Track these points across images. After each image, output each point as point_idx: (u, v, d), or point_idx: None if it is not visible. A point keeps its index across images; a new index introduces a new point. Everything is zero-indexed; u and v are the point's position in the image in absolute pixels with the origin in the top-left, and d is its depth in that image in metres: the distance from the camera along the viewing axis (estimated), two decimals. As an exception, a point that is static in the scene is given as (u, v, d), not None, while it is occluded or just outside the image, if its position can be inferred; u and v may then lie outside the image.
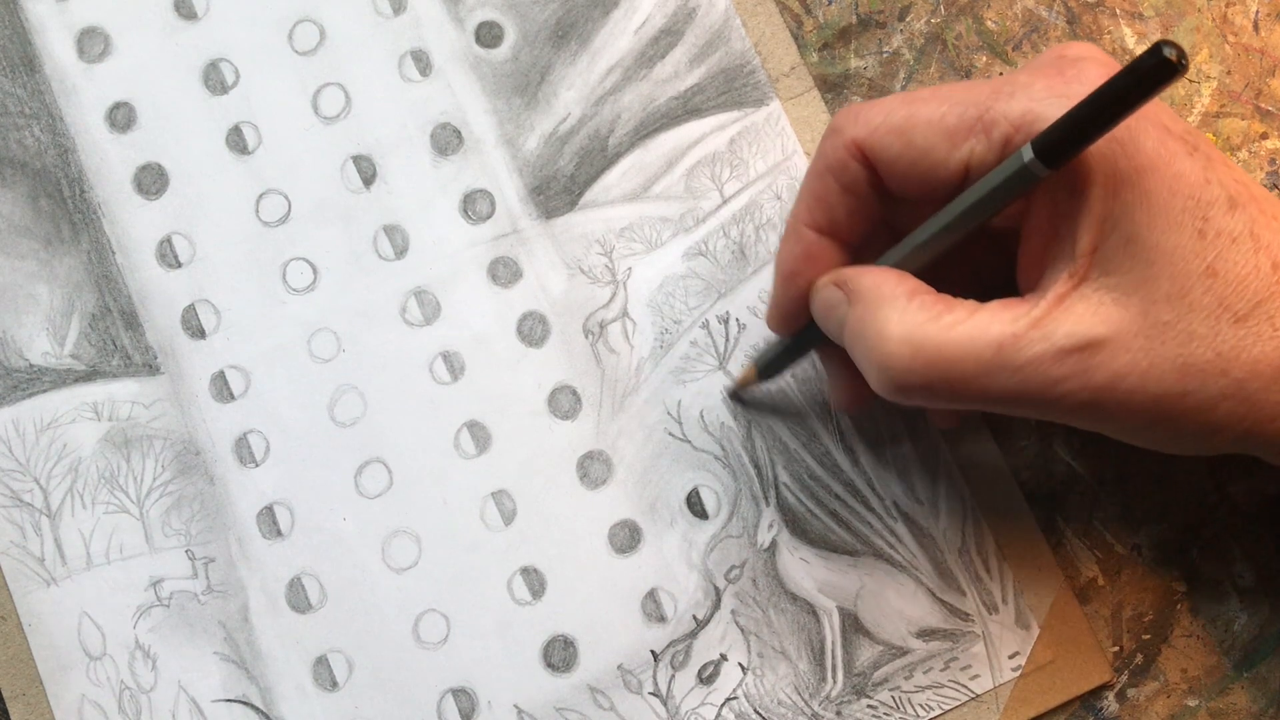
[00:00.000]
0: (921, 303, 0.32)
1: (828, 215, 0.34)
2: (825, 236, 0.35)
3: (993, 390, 0.31)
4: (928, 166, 0.32)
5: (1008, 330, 0.31)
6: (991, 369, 0.31)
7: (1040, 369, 0.30)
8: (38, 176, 0.41)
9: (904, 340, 0.31)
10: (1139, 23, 0.42)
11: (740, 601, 0.39)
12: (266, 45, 0.42)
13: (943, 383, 0.31)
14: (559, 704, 0.39)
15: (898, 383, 0.32)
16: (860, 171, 0.33)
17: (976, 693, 0.39)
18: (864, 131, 0.33)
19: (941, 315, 0.31)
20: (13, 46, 0.42)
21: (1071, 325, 0.30)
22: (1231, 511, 0.40)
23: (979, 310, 0.31)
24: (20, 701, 0.39)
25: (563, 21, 0.42)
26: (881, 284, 0.32)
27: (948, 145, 0.32)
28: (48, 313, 0.41)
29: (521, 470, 0.40)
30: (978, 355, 0.31)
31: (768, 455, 0.40)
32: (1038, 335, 0.30)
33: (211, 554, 0.39)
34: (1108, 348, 0.30)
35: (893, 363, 0.31)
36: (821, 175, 0.34)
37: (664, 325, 0.41)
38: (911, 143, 0.32)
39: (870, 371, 0.32)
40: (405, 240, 0.41)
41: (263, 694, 0.39)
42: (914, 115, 0.32)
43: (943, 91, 0.32)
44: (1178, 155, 0.30)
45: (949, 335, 0.31)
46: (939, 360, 0.31)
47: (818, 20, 0.43)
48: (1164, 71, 0.26)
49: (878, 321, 0.32)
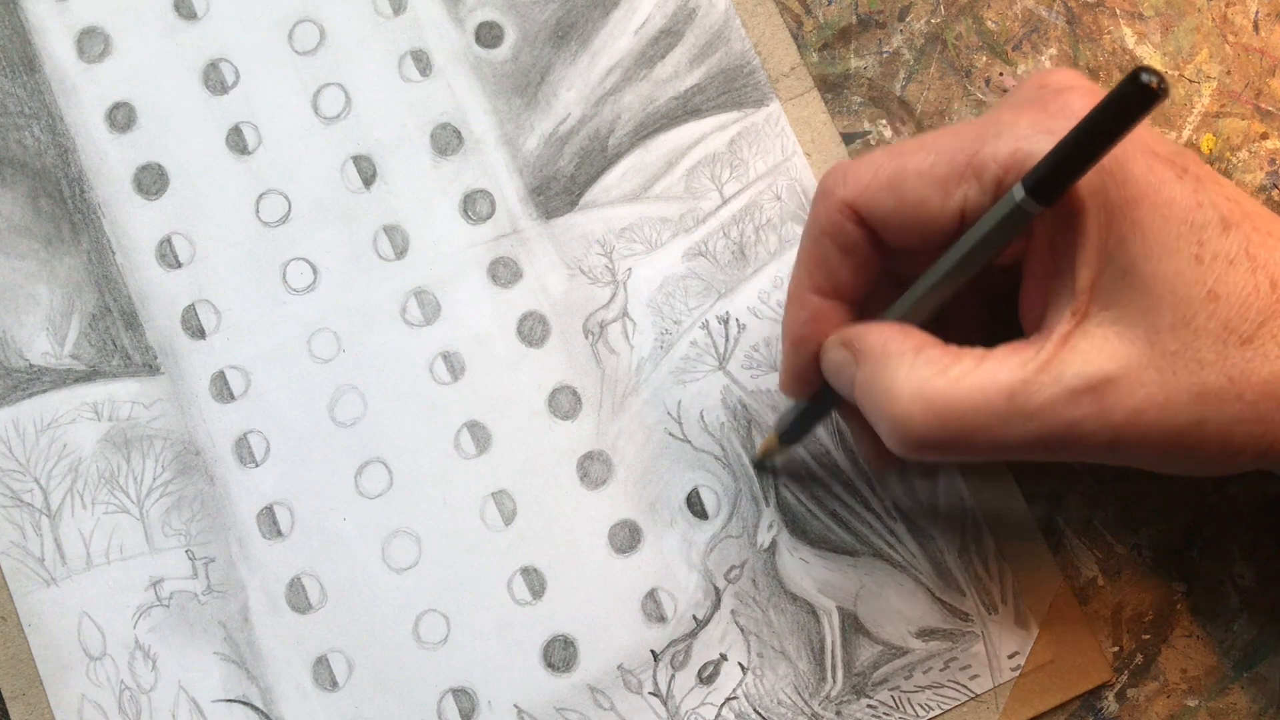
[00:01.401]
0: (928, 357, 0.31)
1: (829, 278, 0.34)
2: (829, 299, 0.34)
3: (1009, 439, 0.30)
4: (923, 218, 0.32)
5: (1017, 376, 0.30)
6: (1005, 418, 0.30)
7: (1055, 413, 0.30)
8: (38, 176, 0.41)
9: (913, 398, 0.31)
10: (1139, 23, 0.42)
11: (740, 601, 0.39)
12: (266, 45, 0.42)
13: (956, 436, 0.31)
14: (559, 704, 0.39)
15: (911, 440, 0.31)
16: (856, 231, 0.33)
17: (976, 693, 0.39)
18: (854, 191, 0.33)
19: (949, 368, 0.31)
20: (13, 46, 0.42)
21: (1080, 365, 0.30)
22: (1231, 511, 0.40)
23: (986, 358, 0.31)
24: (20, 701, 0.39)
25: (563, 22, 0.42)
26: (887, 341, 0.32)
27: (941, 194, 0.31)
28: (48, 313, 0.41)
29: (521, 470, 0.40)
30: (989, 405, 0.30)
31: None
32: (1048, 379, 0.30)
33: (211, 554, 0.39)
34: (1121, 384, 0.30)
35: (904, 421, 0.31)
36: (818, 240, 0.34)
37: (664, 325, 0.41)
38: (904, 197, 0.32)
39: (883, 430, 0.32)
40: (405, 240, 0.41)
41: (263, 694, 0.39)
42: (903, 169, 0.32)
43: (929, 141, 0.32)
44: (1167, 180, 0.30)
45: (958, 388, 0.30)
46: (950, 414, 0.30)
47: (818, 20, 0.43)
48: (1145, 98, 0.26)
49: (885, 379, 0.31)
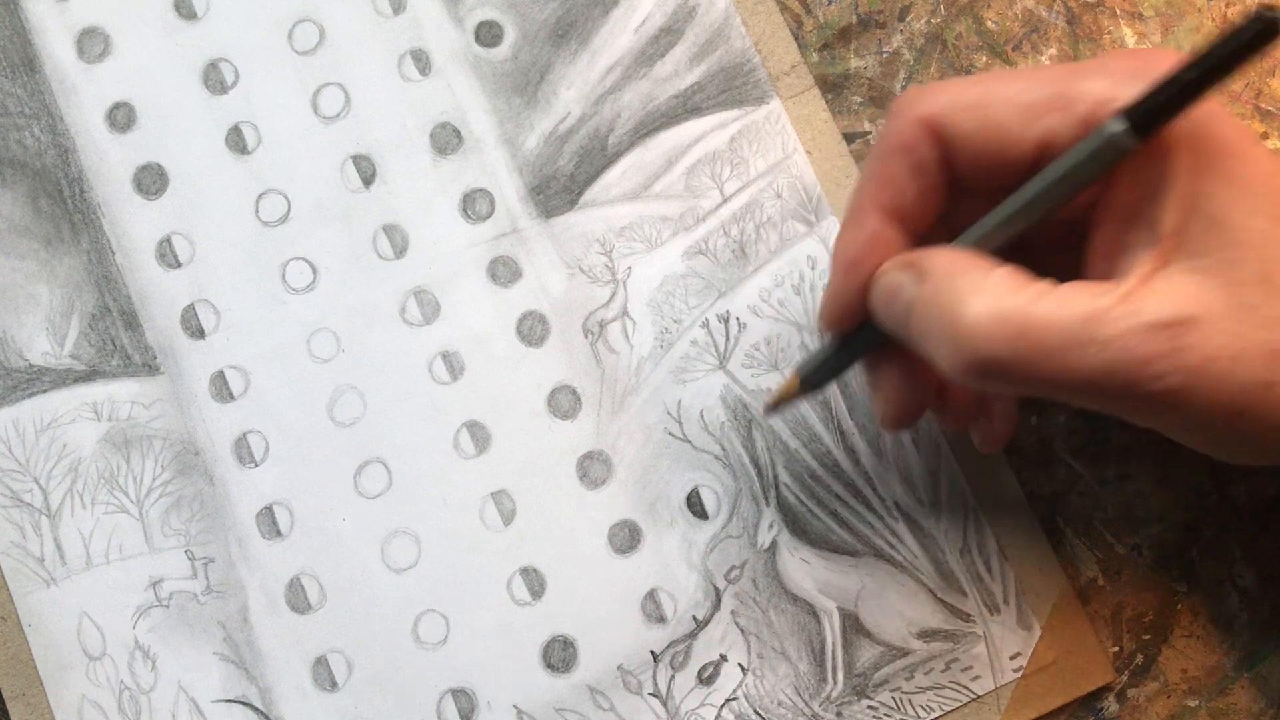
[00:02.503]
0: (1003, 274, 0.30)
1: (896, 199, 0.33)
2: (891, 223, 0.33)
3: (1078, 369, 0.29)
4: (1003, 144, 0.31)
5: (1095, 304, 0.29)
6: (1079, 342, 0.29)
7: (1130, 345, 0.29)
8: (38, 176, 0.41)
9: (986, 310, 0.29)
10: (1139, 23, 0.42)
11: (740, 602, 0.39)
12: (266, 45, 0.42)
13: (1025, 357, 0.29)
14: (559, 704, 0.39)
15: (976, 358, 0.29)
16: (931, 151, 0.32)
17: (978, 694, 0.39)
18: (934, 108, 0.31)
19: (1024, 287, 0.29)
20: (13, 46, 0.42)
21: (1159, 302, 0.29)
22: (1231, 511, 0.40)
23: (1064, 286, 0.30)
24: (20, 701, 0.38)
25: (563, 20, 0.42)
26: (954, 260, 0.31)
27: (1025, 121, 0.30)
28: (48, 313, 0.41)
29: (521, 470, 0.40)
30: (1065, 327, 0.29)
31: (768, 455, 0.40)
32: (1127, 310, 0.29)
33: (211, 554, 0.39)
34: (1199, 327, 0.29)
35: (972, 334, 0.29)
36: (889, 156, 0.32)
37: (664, 324, 0.41)
38: (986, 118, 0.31)
39: (944, 347, 0.30)
40: (405, 240, 0.41)
41: (262, 694, 0.39)
42: (990, 91, 0.31)
43: (1017, 71, 0.31)
44: (1255, 141, 0.29)
45: (1034, 306, 0.29)
46: (1023, 331, 0.29)
47: (818, 20, 0.43)
48: (1265, 36, 0.26)
49: (954, 292, 0.30)
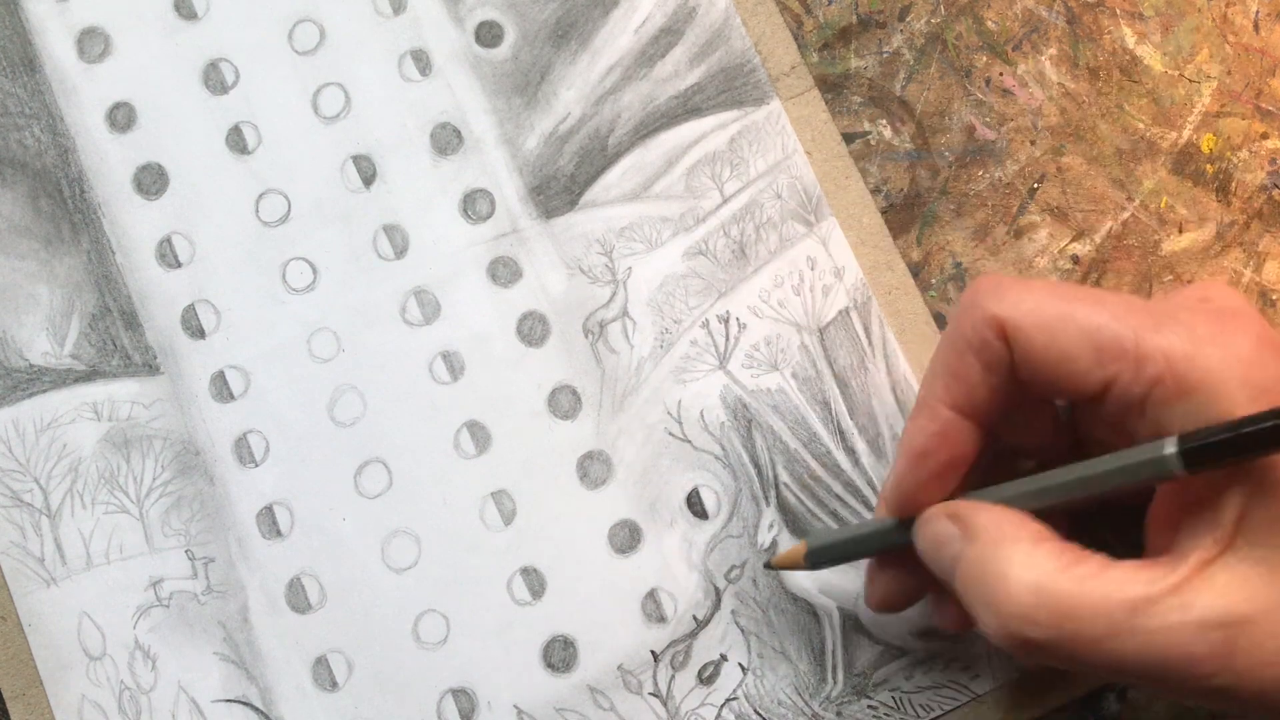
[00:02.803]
0: (1049, 550, 0.29)
1: (968, 395, 0.32)
2: (964, 417, 0.33)
3: (1120, 657, 0.28)
4: (1069, 373, 0.30)
5: (1143, 592, 0.28)
6: (1123, 632, 0.28)
7: (1177, 641, 0.28)
8: (38, 176, 0.41)
9: (1030, 588, 0.29)
10: (1139, 23, 0.42)
11: (740, 602, 0.39)
12: (266, 45, 0.42)
13: (1068, 639, 0.29)
14: (559, 704, 0.39)
15: (1018, 635, 0.29)
16: (1003, 351, 0.31)
17: (977, 693, 0.39)
18: (1009, 312, 0.31)
19: (1072, 566, 0.29)
20: (13, 46, 0.42)
21: (1214, 598, 0.28)
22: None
23: (1112, 566, 0.29)
24: (20, 701, 0.38)
25: (563, 21, 0.42)
26: (1003, 523, 0.30)
27: (1094, 360, 0.30)
28: (48, 313, 0.41)
29: (521, 470, 0.40)
30: (1109, 614, 0.28)
31: (768, 455, 0.40)
32: (1176, 603, 0.28)
33: (211, 554, 0.39)
34: (1255, 628, 0.28)
35: (1015, 611, 0.29)
36: (963, 352, 0.32)
37: (664, 325, 0.41)
38: (1057, 344, 0.30)
39: (986, 618, 0.30)
40: (405, 240, 0.41)
41: (262, 694, 0.39)
42: (1070, 316, 0.30)
43: (1099, 296, 0.31)
44: None
45: (1079, 589, 0.28)
46: (1067, 614, 0.28)
47: (818, 20, 0.43)
48: None
49: (1000, 562, 0.29)
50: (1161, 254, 0.42)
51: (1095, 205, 0.42)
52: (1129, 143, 0.42)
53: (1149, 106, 0.42)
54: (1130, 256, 0.41)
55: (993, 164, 0.42)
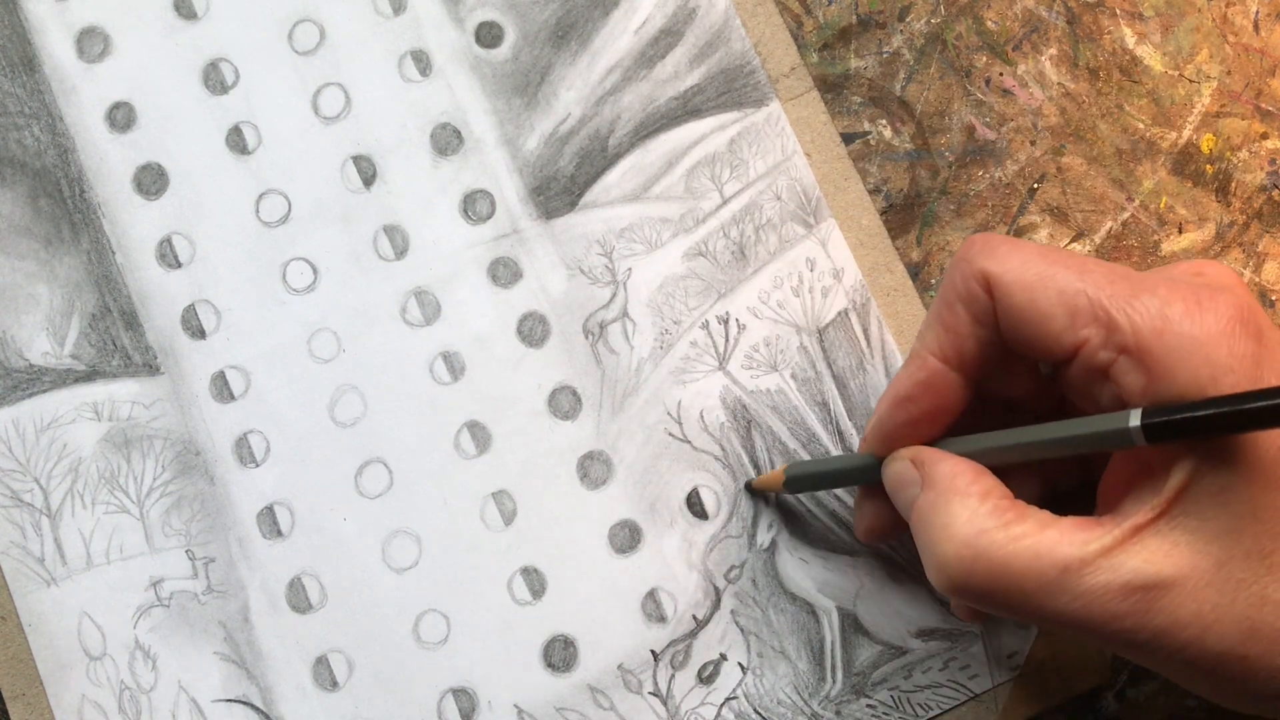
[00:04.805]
0: (994, 507, 0.31)
1: (956, 346, 0.33)
2: (950, 368, 0.34)
3: (1048, 611, 0.30)
4: (1043, 332, 0.31)
5: (1075, 554, 0.30)
6: (1052, 590, 0.30)
7: (1100, 601, 0.29)
8: (38, 176, 0.41)
9: (966, 543, 0.30)
10: (1139, 23, 0.42)
11: (740, 601, 0.39)
12: (266, 45, 0.42)
13: (998, 593, 0.30)
14: (559, 704, 0.39)
15: (952, 583, 0.31)
16: (990, 305, 0.32)
17: (975, 692, 0.39)
18: (995, 267, 0.32)
19: (1011, 524, 0.30)
20: (13, 46, 0.42)
21: (1141, 561, 0.29)
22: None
23: (1049, 525, 0.30)
24: (20, 701, 0.39)
25: (563, 21, 0.42)
26: (956, 476, 0.32)
27: (1068, 322, 0.31)
28: (48, 313, 0.41)
29: (521, 470, 0.40)
30: (1040, 573, 0.30)
31: (767, 455, 0.40)
32: (1105, 564, 0.29)
33: (211, 554, 0.39)
34: (1173, 592, 0.29)
35: (952, 563, 0.31)
36: (953, 305, 0.33)
37: (664, 325, 0.41)
38: (1035, 302, 0.31)
39: (927, 561, 0.32)
40: (405, 240, 0.41)
41: (263, 694, 0.39)
42: (1050, 277, 0.31)
43: (1081, 261, 0.31)
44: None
45: (1014, 547, 0.30)
46: (999, 571, 0.30)
47: (818, 20, 0.43)
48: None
49: (944, 515, 0.31)
50: (1161, 254, 0.42)
51: (1095, 205, 0.42)
52: (1129, 143, 0.42)
53: (1149, 107, 0.42)
54: (1130, 257, 0.42)
55: (993, 164, 0.42)
